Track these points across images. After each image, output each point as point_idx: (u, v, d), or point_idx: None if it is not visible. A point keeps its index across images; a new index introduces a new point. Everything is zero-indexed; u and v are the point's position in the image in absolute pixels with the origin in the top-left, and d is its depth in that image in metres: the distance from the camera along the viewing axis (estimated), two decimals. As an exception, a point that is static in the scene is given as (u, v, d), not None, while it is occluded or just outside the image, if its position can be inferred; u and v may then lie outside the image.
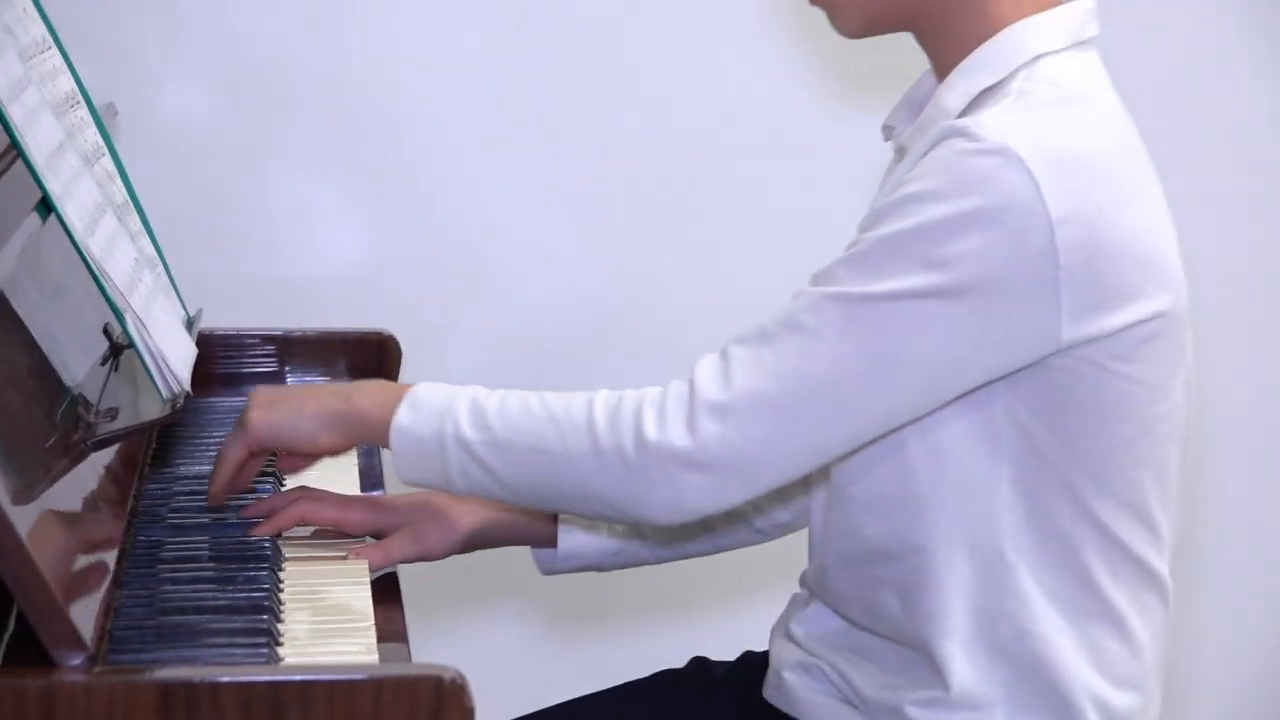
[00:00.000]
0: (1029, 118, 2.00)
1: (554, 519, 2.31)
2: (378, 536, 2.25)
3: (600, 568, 2.34)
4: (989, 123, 1.98)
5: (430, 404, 2.09)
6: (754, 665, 2.33)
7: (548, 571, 2.35)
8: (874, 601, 2.12)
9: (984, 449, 2.04)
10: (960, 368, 1.99)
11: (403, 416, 2.08)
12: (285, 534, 2.22)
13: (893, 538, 2.08)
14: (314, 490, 2.27)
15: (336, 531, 2.24)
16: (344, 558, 2.18)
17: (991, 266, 1.95)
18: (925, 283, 1.95)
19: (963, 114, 2.04)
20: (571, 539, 2.30)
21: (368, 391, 2.16)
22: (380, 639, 1.96)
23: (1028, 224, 1.95)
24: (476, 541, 2.30)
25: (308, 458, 2.26)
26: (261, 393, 2.23)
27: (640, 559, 2.34)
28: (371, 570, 2.16)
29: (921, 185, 1.98)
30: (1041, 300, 1.98)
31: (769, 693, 2.27)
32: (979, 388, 2.00)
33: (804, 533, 2.26)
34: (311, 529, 2.25)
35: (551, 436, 2.03)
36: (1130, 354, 2.03)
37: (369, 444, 2.20)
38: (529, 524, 2.32)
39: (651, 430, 1.98)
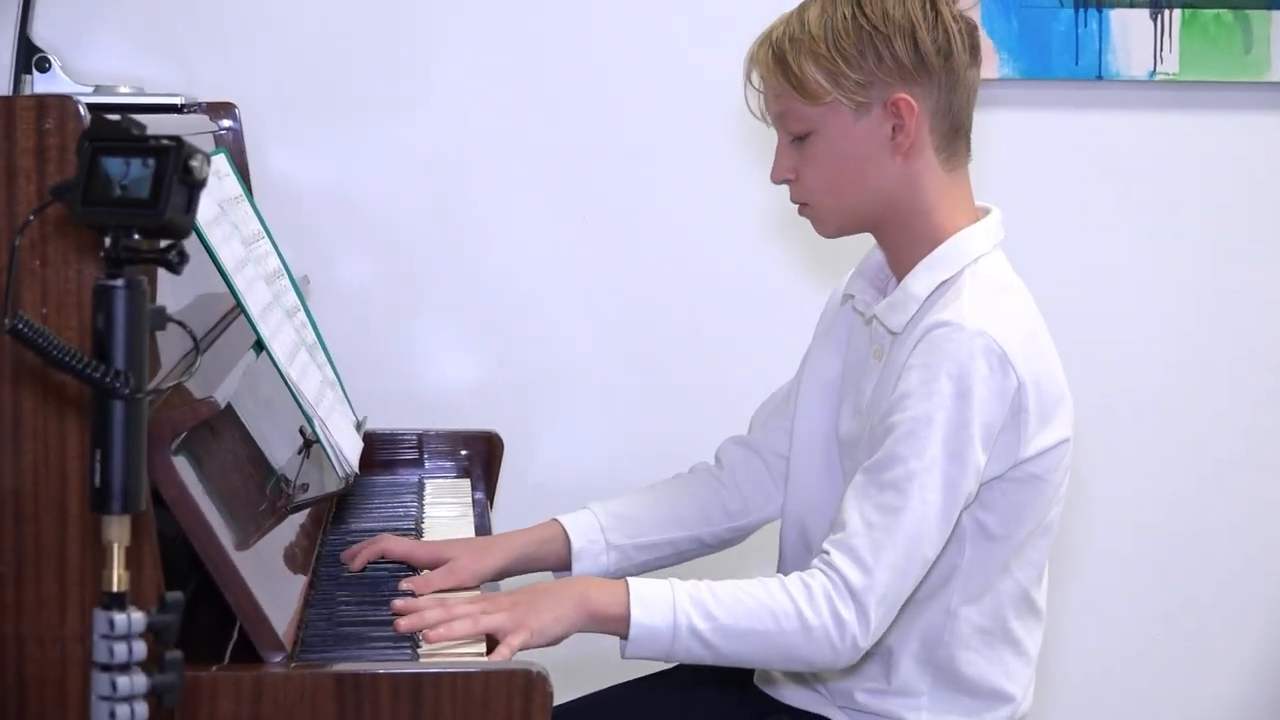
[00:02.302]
0: (988, 308, 2.01)
1: (568, 552, 2.24)
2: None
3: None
4: (968, 313, 1.99)
5: (654, 600, 1.95)
6: (749, 661, 2.32)
7: None
8: None
9: (954, 539, 2.03)
10: (976, 483, 2.00)
11: (639, 613, 1.94)
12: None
13: None
14: (392, 535, 2.21)
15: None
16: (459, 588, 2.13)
17: (988, 415, 1.97)
18: (956, 441, 1.96)
19: (928, 299, 2.05)
20: (580, 565, 2.24)
21: (598, 594, 1.97)
22: (487, 642, 1.94)
23: (1005, 385, 1.98)
24: (500, 574, 2.20)
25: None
26: (512, 601, 1.97)
27: (627, 574, 2.22)
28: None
29: (930, 371, 1.97)
30: (1015, 433, 2.01)
31: (759, 681, 2.27)
32: None
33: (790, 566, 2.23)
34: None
35: (768, 622, 1.93)
36: (1051, 465, 2.05)
37: (600, 632, 1.99)
38: (542, 559, 2.25)
39: (844, 612, 1.93)
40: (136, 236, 1.40)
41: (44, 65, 2.72)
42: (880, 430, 2.01)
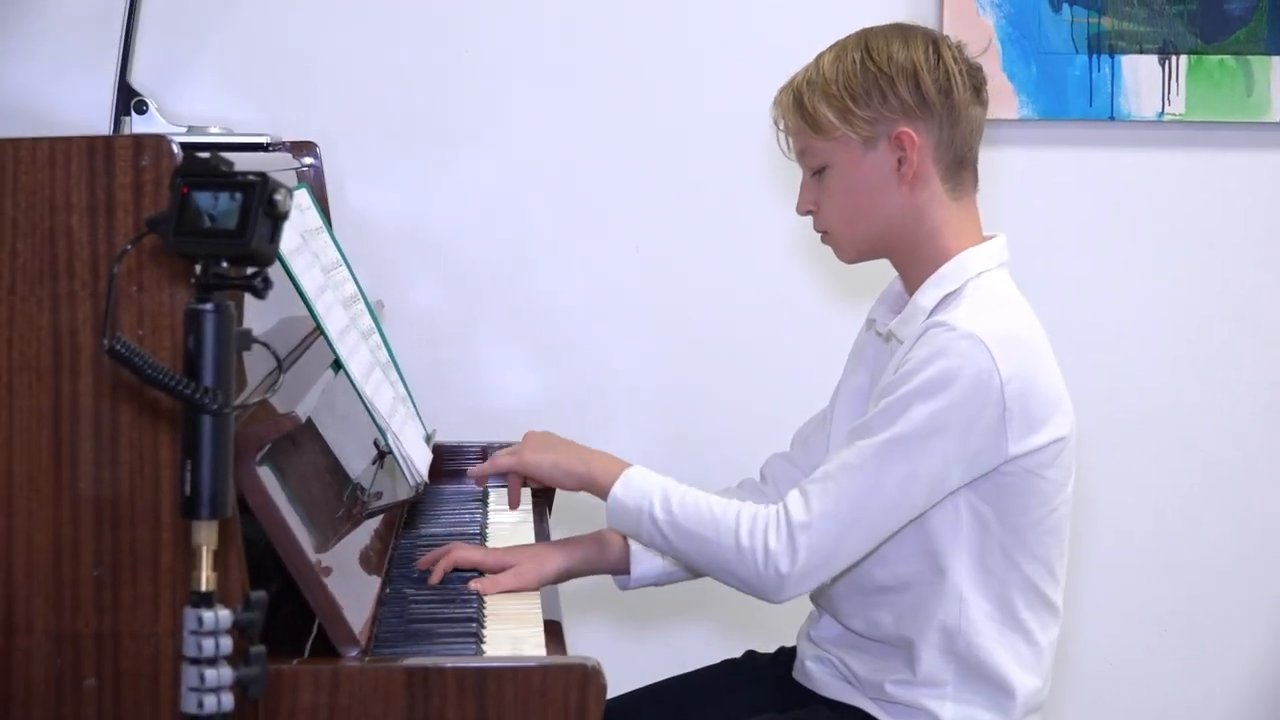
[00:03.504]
0: (983, 314, 2.01)
1: (626, 553, 2.25)
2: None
3: (657, 584, 2.29)
4: (961, 317, 2.00)
5: (637, 485, 2.08)
6: (786, 656, 2.31)
7: (623, 588, 2.29)
8: (873, 618, 2.11)
9: (950, 528, 2.03)
10: (949, 479, 2.00)
11: (617, 489, 2.08)
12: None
13: (893, 581, 2.07)
14: (462, 543, 2.21)
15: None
16: (523, 589, 2.13)
17: (967, 410, 1.97)
18: (927, 425, 1.96)
19: (934, 311, 2.06)
20: (639, 568, 2.25)
21: (599, 462, 2.14)
22: (546, 638, 1.95)
23: (989, 382, 1.97)
24: (562, 577, 2.21)
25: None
26: (534, 438, 2.24)
27: (682, 579, 2.28)
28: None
29: (919, 361, 1.99)
30: (997, 430, 1.99)
31: (797, 675, 2.25)
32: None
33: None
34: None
35: (710, 531, 2.02)
36: (1046, 462, 2.04)
37: (589, 493, 2.17)
38: (601, 562, 2.26)
39: (773, 543, 1.98)
40: (225, 264, 1.40)
41: (141, 108, 2.74)
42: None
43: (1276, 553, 3.33)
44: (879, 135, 2.07)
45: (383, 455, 2.24)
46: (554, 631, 1.99)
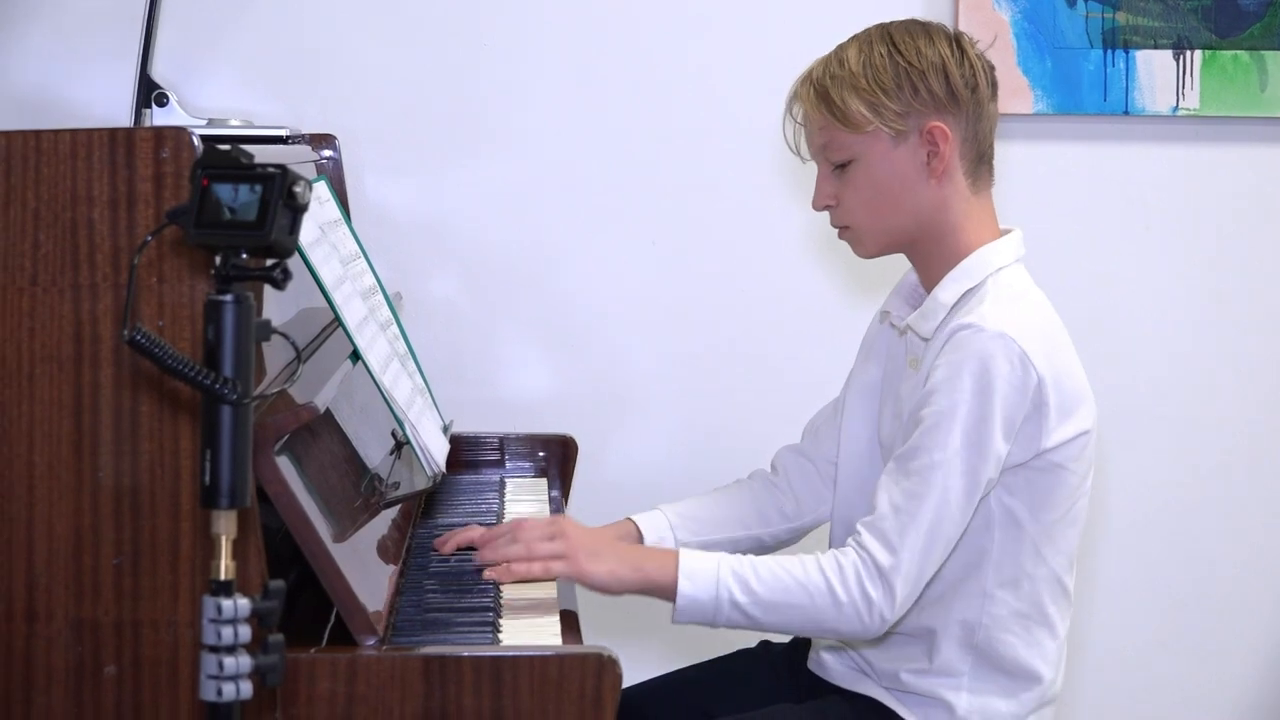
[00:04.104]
0: (1008, 311, 2.01)
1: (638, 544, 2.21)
2: None
3: None
4: (987, 316, 1.99)
5: (701, 573, 1.99)
6: (802, 646, 2.30)
7: None
8: None
9: (982, 523, 2.03)
10: (998, 470, 1.99)
11: (684, 586, 1.98)
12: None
13: None
14: (478, 527, 2.20)
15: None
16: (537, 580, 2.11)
17: (1009, 410, 1.97)
18: (975, 433, 1.96)
19: (954, 306, 2.06)
20: None
21: (651, 563, 2.02)
22: (562, 627, 1.94)
23: (1026, 380, 1.97)
24: None
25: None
26: (577, 539, 2.06)
27: None
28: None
29: (953, 367, 1.98)
30: (1035, 424, 2.00)
31: (811, 665, 2.25)
32: None
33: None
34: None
35: (802, 597, 1.97)
36: (1074, 455, 2.04)
37: (649, 596, 2.05)
38: None
39: (873, 592, 1.95)
40: (244, 256, 1.41)
41: (162, 100, 2.74)
42: (910, 424, 2.02)
43: (1287, 543, 3.33)
44: (910, 129, 2.06)
45: (400, 445, 2.24)
46: (570, 621, 1.98)
